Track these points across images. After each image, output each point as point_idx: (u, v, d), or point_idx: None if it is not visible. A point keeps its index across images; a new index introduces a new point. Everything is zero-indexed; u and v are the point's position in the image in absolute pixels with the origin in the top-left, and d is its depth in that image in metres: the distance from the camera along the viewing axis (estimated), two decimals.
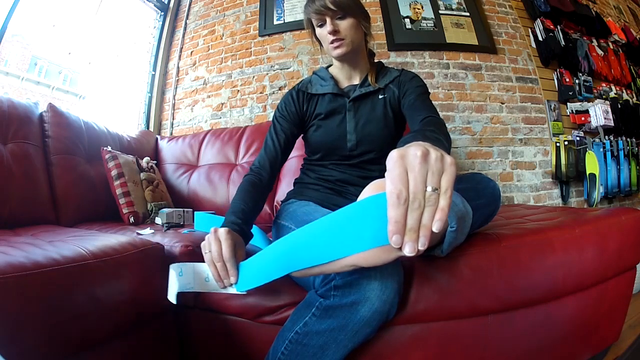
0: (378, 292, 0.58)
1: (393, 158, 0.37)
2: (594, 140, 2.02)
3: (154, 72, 2.23)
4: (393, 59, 1.94)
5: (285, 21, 2.05)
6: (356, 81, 0.98)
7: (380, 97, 0.94)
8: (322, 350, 0.62)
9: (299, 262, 0.45)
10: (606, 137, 2.03)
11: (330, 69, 1.01)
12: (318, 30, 0.92)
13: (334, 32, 0.87)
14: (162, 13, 2.30)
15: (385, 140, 0.94)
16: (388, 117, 0.93)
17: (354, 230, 0.40)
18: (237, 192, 0.85)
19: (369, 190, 0.40)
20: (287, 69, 2.00)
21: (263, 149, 0.95)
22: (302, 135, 1.02)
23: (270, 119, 1.22)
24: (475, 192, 0.68)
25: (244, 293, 0.64)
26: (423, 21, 2.00)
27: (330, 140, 0.94)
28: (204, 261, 0.68)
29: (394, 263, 0.62)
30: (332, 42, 0.89)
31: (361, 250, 0.39)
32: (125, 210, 1.28)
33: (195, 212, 1.14)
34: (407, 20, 1.99)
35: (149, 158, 1.50)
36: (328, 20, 0.87)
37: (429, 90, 0.96)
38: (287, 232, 0.83)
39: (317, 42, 0.98)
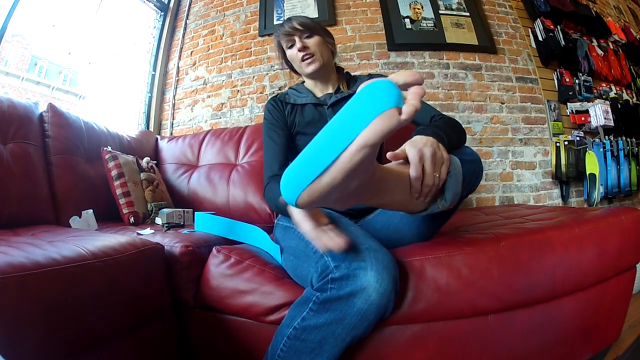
0: (374, 283, 0.59)
1: (414, 150, 0.59)
2: (594, 140, 2.02)
3: (154, 72, 2.23)
4: (393, 59, 1.94)
5: None
6: (330, 91, 1.04)
7: None
8: (320, 345, 0.62)
9: (316, 165, 0.47)
10: (606, 137, 2.03)
11: (305, 84, 1.07)
12: (288, 52, 1.00)
13: (304, 48, 0.96)
14: (162, 13, 2.30)
15: None
16: None
17: (354, 112, 0.45)
18: (273, 193, 0.88)
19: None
20: (287, 69, 2.00)
21: (270, 158, 0.97)
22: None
23: None
24: (459, 151, 0.73)
25: None
26: (423, 21, 2.00)
27: None
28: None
29: (389, 256, 0.63)
30: (303, 59, 0.97)
31: (366, 125, 0.44)
32: (125, 210, 1.28)
33: (195, 213, 1.14)
34: (407, 20, 1.99)
35: (149, 158, 1.50)
36: (297, 39, 0.96)
37: (430, 90, 0.99)
38: (290, 233, 0.84)
39: (288, 66, 1.07)
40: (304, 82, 1.08)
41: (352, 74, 1.11)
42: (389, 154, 0.60)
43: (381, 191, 0.57)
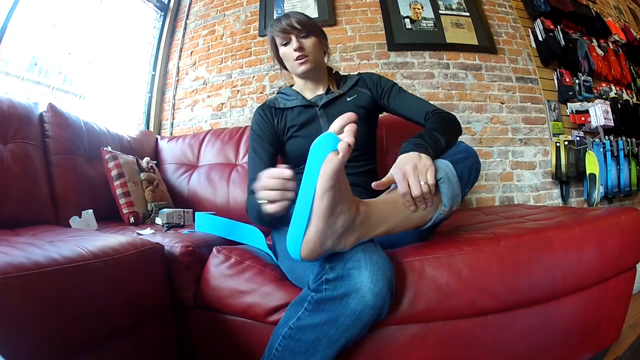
0: (368, 283, 0.59)
1: (397, 170, 0.67)
2: (594, 140, 2.02)
3: (154, 72, 2.22)
4: (393, 59, 1.94)
5: None
6: (320, 92, 1.04)
7: (349, 99, 1.01)
8: (314, 346, 0.62)
9: (300, 223, 0.58)
10: (606, 137, 2.03)
11: (294, 87, 1.07)
12: (282, 49, 0.99)
13: (299, 48, 0.94)
14: (162, 13, 2.30)
15: (362, 137, 1.00)
16: (360, 116, 0.99)
17: (310, 169, 0.56)
18: (251, 204, 0.88)
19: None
20: (278, 64, 2.00)
21: (252, 171, 0.96)
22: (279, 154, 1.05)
23: None
24: (452, 151, 0.76)
25: None
26: (423, 21, 2.00)
27: None
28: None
29: (385, 258, 0.64)
30: (297, 59, 0.95)
31: (317, 175, 0.54)
32: (125, 211, 1.28)
33: (195, 213, 1.14)
34: (407, 20, 1.99)
35: (149, 158, 1.50)
36: (293, 38, 0.95)
37: (430, 90, 1.00)
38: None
39: (279, 62, 1.05)
40: (292, 85, 1.08)
41: (342, 73, 1.11)
42: (373, 184, 0.67)
43: (377, 222, 0.64)
